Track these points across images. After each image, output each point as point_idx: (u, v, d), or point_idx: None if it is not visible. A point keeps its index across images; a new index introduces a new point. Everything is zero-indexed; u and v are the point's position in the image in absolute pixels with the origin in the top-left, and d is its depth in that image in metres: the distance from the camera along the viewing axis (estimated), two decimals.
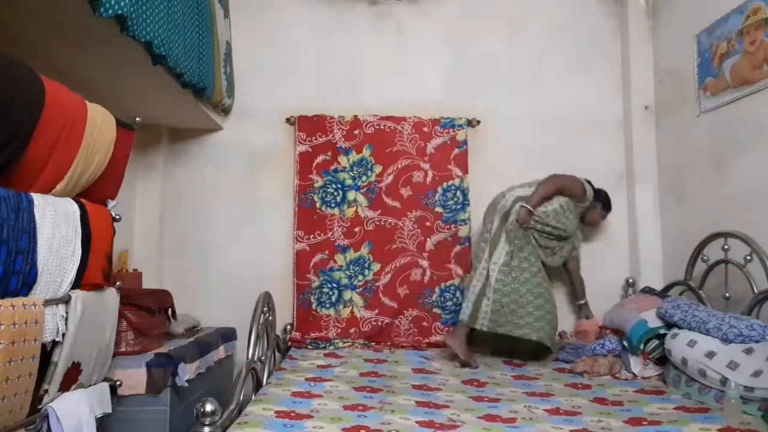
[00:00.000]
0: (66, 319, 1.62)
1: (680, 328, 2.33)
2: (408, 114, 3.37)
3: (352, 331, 3.18)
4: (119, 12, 1.73)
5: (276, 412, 1.86)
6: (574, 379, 2.47)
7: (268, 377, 2.48)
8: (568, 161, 3.43)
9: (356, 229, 3.28)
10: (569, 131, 3.47)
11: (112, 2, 1.70)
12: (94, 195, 1.85)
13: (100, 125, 1.76)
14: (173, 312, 2.59)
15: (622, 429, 1.80)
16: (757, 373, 1.92)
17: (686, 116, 3.04)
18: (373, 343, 3.14)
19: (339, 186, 3.30)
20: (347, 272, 3.24)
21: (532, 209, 2.82)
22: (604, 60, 3.52)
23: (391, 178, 3.32)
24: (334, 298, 3.21)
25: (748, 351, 2.02)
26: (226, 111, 3.35)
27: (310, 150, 3.34)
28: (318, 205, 3.30)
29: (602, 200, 3.14)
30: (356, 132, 3.35)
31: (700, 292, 2.68)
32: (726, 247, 2.52)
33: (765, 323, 2.12)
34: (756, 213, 2.50)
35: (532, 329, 2.69)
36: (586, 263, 3.38)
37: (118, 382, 2.04)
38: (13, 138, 1.41)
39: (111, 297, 1.94)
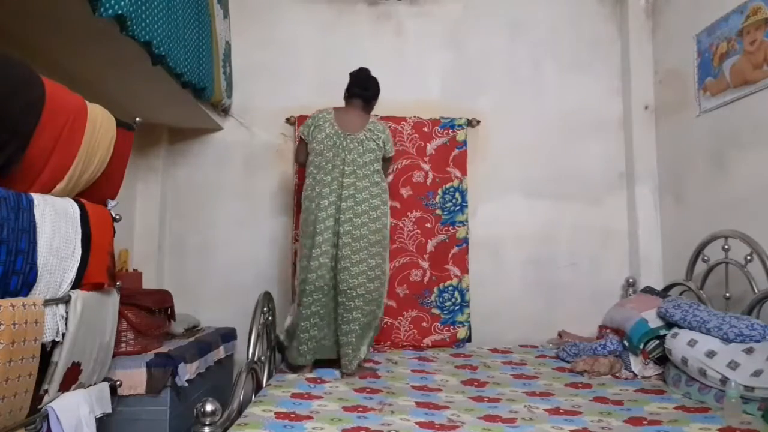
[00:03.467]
0: (66, 319, 1.62)
1: (681, 327, 2.33)
2: (408, 114, 3.37)
3: None
4: (119, 12, 1.73)
5: (276, 413, 1.86)
6: (574, 379, 2.47)
7: (268, 378, 2.48)
8: (568, 161, 3.45)
9: None
10: (569, 131, 3.47)
11: (112, 2, 1.70)
12: (94, 195, 1.85)
13: (100, 125, 1.76)
14: (173, 312, 2.59)
15: (622, 428, 1.80)
16: (757, 373, 1.92)
17: (686, 116, 3.04)
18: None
19: None
20: None
21: None
22: (604, 60, 3.52)
23: (390, 178, 3.32)
24: None
25: (749, 351, 2.02)
26: (225, 111, 3.35)
27: None
28: None
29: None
30: None
31: (701, 292, 2.68)
32: (726, 247, 2.52)
33: (765, 323, 2.12)
34: (756, 213, 2.50)
35: None
36: (586, 263, 3.40)
37: (118, 382, 2.04)
38: (13, 138, 1.41)
39: (111, 297, 1.93)
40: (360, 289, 2.46)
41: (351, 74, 2.76)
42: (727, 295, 2.50)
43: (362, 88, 2.71)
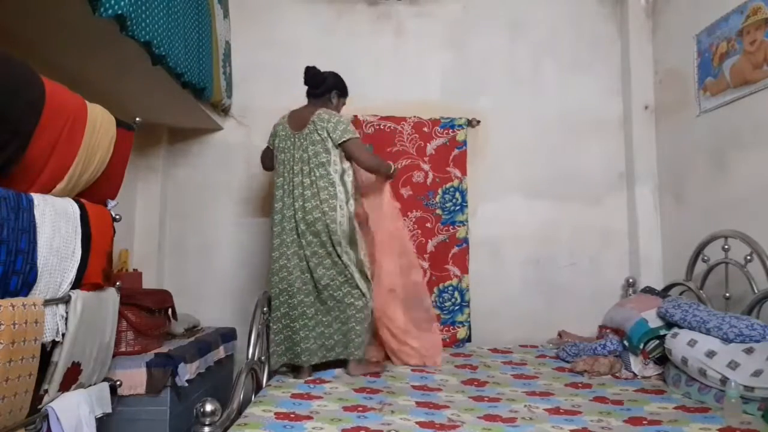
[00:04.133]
0: (66, 319, 1.62)
1: (680, 327, 2.33)
2: (408, 114, 3.36)
3: None
4: (119, 12, 1.73)
5: (276, 413, 1.86)
6: (574, 379, 2.47)
7: (268, 378, 2.48)
8: (568, 161, 3.45)
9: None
10: (569, 131, 3.47)
11: (112, 2, 1.70)
12: (94, 195, 1.85)
13: (100, 125, 1.76)
14: (173, 312, 2.59)
15: (622, 428, 1.80)
16: (757, 373, 1.92)
17: (686, 116, 3.04)
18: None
19: None
20: None
21: None
22: (604, 60, 3.52)
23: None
24: None
25: (749, 351, 2.02)
26: (225, 111, 3.35)
27: None
28: None
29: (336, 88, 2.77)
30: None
31: (701, 292, 2.68)
32: (726, 247, 2.52)
33: (765, 323, 2.12)
34: (756, 213, 2.50)
35: None
36: (586, 263, 3.40)
37: (118, 382, 2.04)
38: (13, 138, 1.41)
39: (111, 297, 1.94)
40: (330, 287, 2.47)
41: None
42: (727, 295, 2.50)
43: (310, 87, 2.72)
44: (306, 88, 2.72)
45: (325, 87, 2.71)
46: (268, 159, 2.79)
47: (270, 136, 2.75)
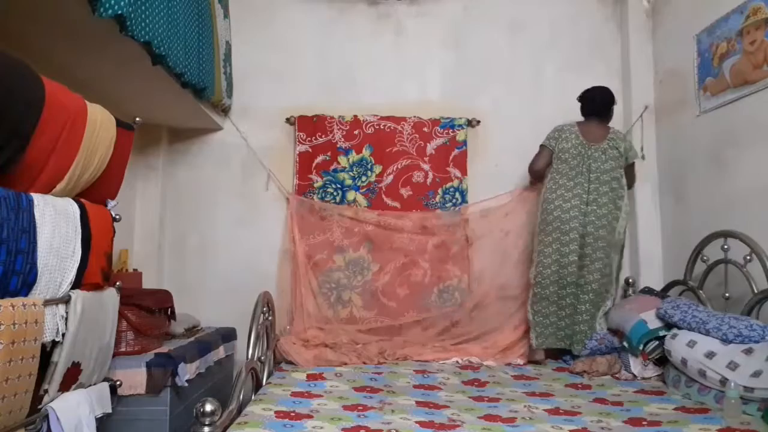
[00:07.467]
0: (66, 319, 1.62)
1: (680, 328, 2.33)
2: (408, 114, 3.37)
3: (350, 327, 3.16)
4: (119, 12, 1.73)
5: (276, 412, 1.86)
6: (573, 379, 2.47)
7: (268, 377, 2.48)
8: None
9: (355, 229, 3.28)
10: None
11: (112, 2, 1.70)
12: (94, 195, 1.85)
13: (100, 125, 1.76)
14: (173, 312, 2.59)
15: (622, 429, 1.80)
16: (756, 374, 1.92)
17: (686, 116, 3.04)
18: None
19: (338, 186, 3.30)
20: (346, 273, 3.23)
21: None
22: (604, 60, 3.52)
23: (391, 178, 3.32)
24: (333, 299, 3.21)
25: (748, 351, 2.02)
26: (225, 111, 3.35)
27: (309, 150, 3.33)
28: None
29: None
30: (356, 132, 3.35)
31: (700, 292, 2.68)
32: (726, 247, 2.52)
33: (765, 323, 2.12)
34: (756, 213, 2.50)
35: None
36: None
37: (118, 382, 2.04)
38: (13, 138, 1.41)
39: (111, 297, 1.94)
40: (594, 284, 2.81)
41: (578, 98, 3.05)
42: (727, 295, 2.50)
43: (602, 109, 3.00)
44: (579, 105, 3.03)
45: (599, 106, 3.00)
46: (543, 161, 3.00)
47: (550, 138, 2.98)
